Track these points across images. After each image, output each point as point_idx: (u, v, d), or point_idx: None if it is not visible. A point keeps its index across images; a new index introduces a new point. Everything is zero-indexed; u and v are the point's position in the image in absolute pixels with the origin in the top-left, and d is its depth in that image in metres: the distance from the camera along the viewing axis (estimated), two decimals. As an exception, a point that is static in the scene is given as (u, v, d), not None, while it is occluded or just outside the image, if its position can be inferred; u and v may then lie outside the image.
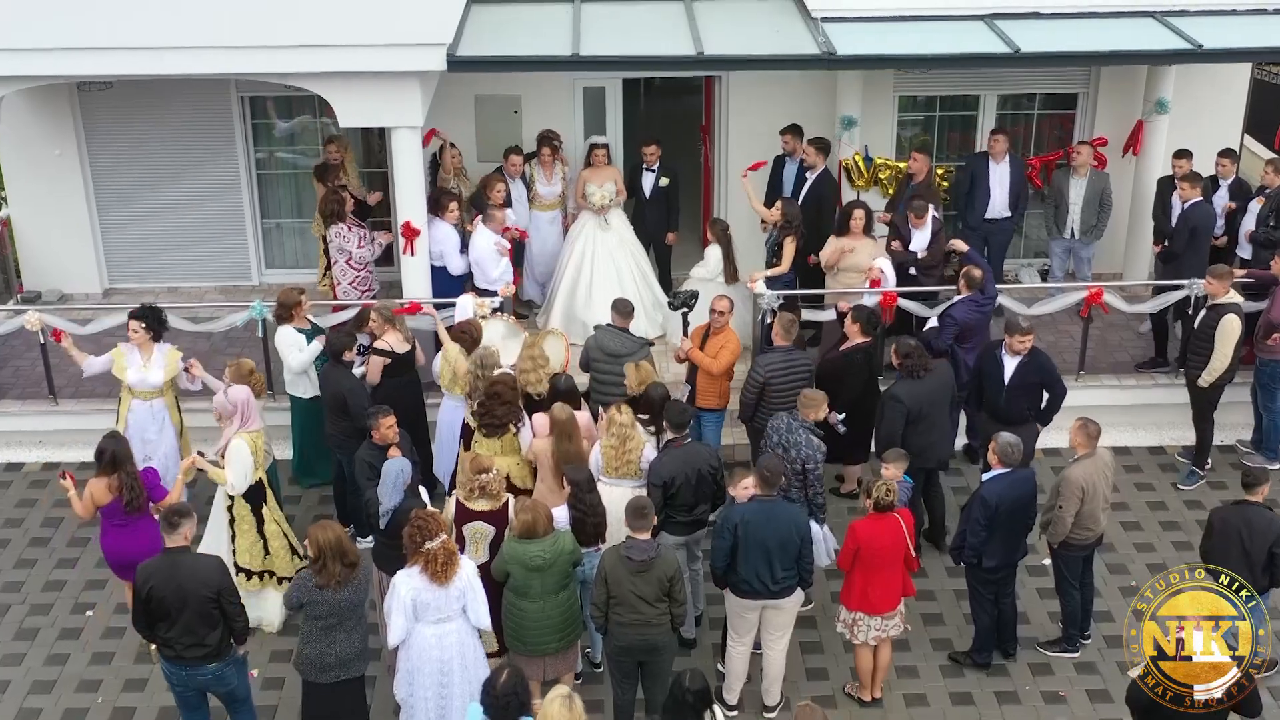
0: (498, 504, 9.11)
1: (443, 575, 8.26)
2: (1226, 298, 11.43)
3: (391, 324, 11.02)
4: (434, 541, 8.26)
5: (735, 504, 9.03)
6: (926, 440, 10.51)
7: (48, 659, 10.06)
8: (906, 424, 10.42)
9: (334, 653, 8.41)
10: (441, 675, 8.45)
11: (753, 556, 8.85)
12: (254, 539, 10.05)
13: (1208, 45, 12.09)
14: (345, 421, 10.43)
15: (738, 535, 8.82)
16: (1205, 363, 11.48)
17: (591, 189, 13.35)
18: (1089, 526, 9.58)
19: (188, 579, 8.22)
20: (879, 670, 9.53)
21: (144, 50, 11.25)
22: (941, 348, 11.41)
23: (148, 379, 10.78)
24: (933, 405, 10.53)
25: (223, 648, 8.43)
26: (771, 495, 8.94)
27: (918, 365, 10.49)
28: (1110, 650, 10.05)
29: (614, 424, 9.63)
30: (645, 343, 11.06)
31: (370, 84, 11.45)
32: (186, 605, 8.21)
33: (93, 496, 9.32)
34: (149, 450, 10.75)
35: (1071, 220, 13.51)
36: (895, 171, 13.70)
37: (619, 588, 8.47)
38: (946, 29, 12.61)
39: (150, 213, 14.40)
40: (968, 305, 11.51)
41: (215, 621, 8.32)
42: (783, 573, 8.92)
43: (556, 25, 12.61)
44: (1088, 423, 9.56)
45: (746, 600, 9.05)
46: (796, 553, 8.91)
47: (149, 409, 10.86)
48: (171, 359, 10.87)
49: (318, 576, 8.27)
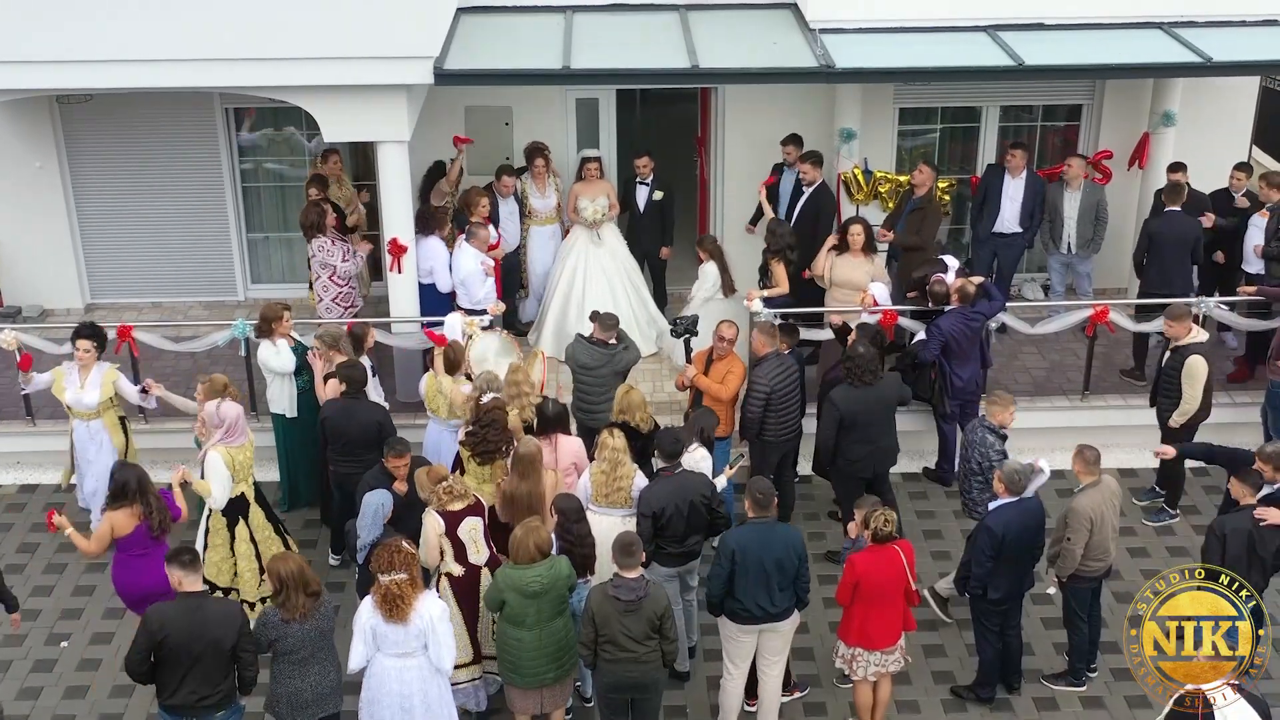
0: (470, 498, 9.02)
1: (387, 612, 8.06)
2: (1190, 338, 10.95)
3: (337, 348, 10.72)
4: (385, 577, 8.06)
5: (730, 529, 8.91)
6: (861, 450, 10.45)
7: (20, 692, 9.77)
8: (840, 429, 10.32)
9: (309, 687, 8.21)
10: (403, 712, 8.25)
11: (752, 581, 8.66)
12: (225, 554, 9.94)
13: (1217, 58, 11.83)
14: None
15: (735, 561, 8.61)
16: (1175, 405, 11.05)
17: (584, 204, 13.08)
18: (1098, 557, 9.31)
19: (209, 627, 7.86)
20: (879, 706, 9.25)
21: (125, 63, 11.02)
22: (928, 360, 11.18)
23: (83, 399, 10.63)
24: (871, 415, 10.41)
25: (230, 696, 8.13)
26: (766, 517, 8.73)
27: (862, 371, 10.31)
28: (1118, 684, 9.77)
29: (605, 448, 9.37)
30: (617, 350, 10.78)
31: (356, 97, 11.20)
32: (204, 656, 7.88)
33: (114, 529, 9.05)
34: (89, 471, 10.70)
35: (1067, 234, 13.28)
36: (895, 185, 13.43)
37: (607, 627, 8.23)
38: (948, 41, 12.36)
39: (133, 226, 14.16)
40: (955, 317, 11.29)
41: (228, 672, 8.01)
42: (780, 594, 8.74)
43: (548, 36, 12.35)
44: (1084, 449, 9.30)
45: (744, 625, 8.85)
46: (794, 573, 8.74)
47: (87, 429, 10.75)
48: (108, 379, 10.69)
49: (283, 610, 8.07)
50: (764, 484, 8.90)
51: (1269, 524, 8.88)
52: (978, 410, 11.77)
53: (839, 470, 10.73)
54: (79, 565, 11.03)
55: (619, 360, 10.76)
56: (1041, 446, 12.30)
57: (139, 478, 9.13)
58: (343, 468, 10.22)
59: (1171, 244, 12.39)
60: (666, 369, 13.03)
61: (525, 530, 8.50)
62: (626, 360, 10.85)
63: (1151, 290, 12.47)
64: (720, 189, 14.20)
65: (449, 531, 8.93)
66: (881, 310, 11.76)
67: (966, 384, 11.51)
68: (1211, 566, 8.48)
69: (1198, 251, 12.52)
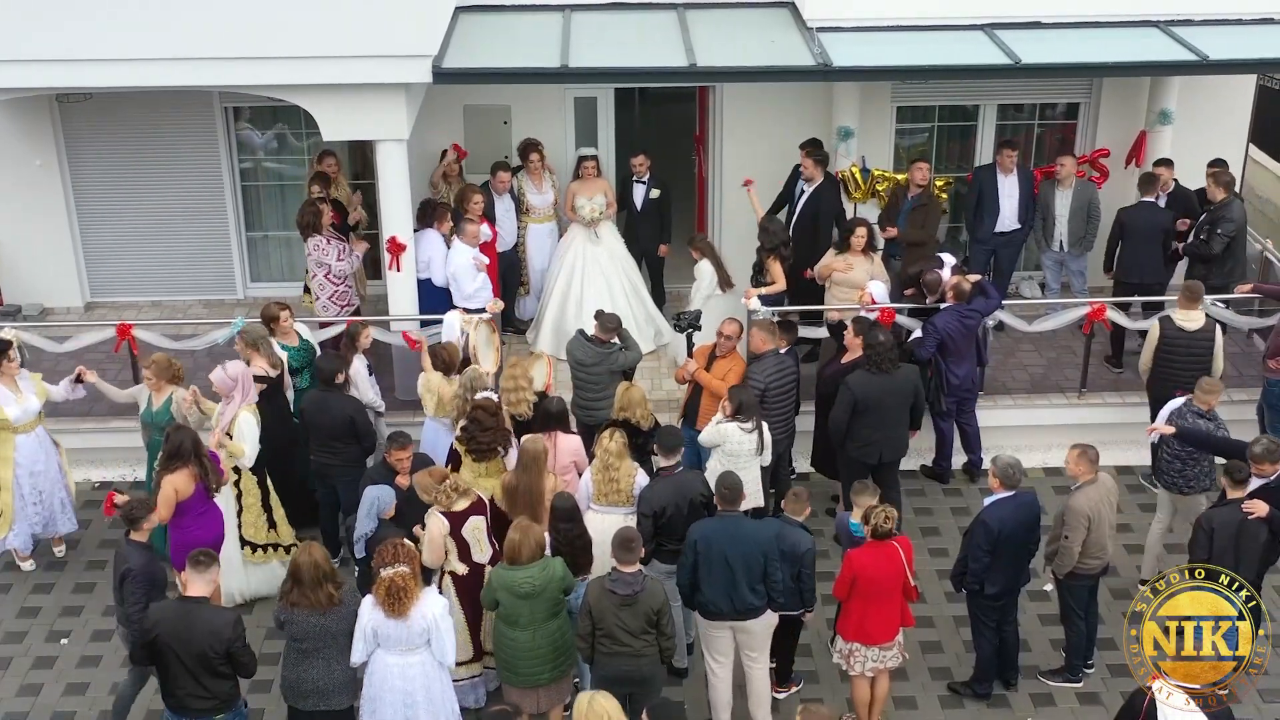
0: (473, 496, 9.05)
1: (389, 607, 8.09)
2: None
3: (257, 349, 10.66)
4: (387, 570, 8.10)
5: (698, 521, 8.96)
6: (873, 435, 10.54)
7: (20, 689, 9.79)
8: (854, 414, 10.42)
9: (309, 680, 8.26)
10: (406, 708, 8.28)
11: (715, 575, 8.70)
12: (259, 512, 10.27)
13: (1214, 56, 11.83)
14: (351, 446, 10.27)
15: (698, 552, 8.68)
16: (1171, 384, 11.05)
17: (581, 202, 13.10)
18: (1096, 555, 9.32)
19: (198, 633, 7.88)
20: (876, 702, 9.27)
21: (125, 62, 11.03)
22: (924, 358, 11.22)
23: (28, 408, 10.53)
24: (884, 403, 10.53)
25: (230, 698, 8.15)
26: (733, 511, 8.78)
27: (881, 358, 10.44)
28: (1115, 679, 9.79)
29: (603, 450, 9.39)
30: (615, 350, 10.79)
31: (354, 96, 11.20)
32: (188, 657, 7.91)
33: (177, 491, 9.27)
34: (37, 482, 10.64)
35: (1059, 232, 13.29)
36: (893, 183, 13.44)
37: (604, 620, 8.27)
38: (946, 39, 12.36)
39: (133, 225, 14.15)
40: (951, 315, 11.32)
41: (219, 674, 8.02)
42: (749, 593, 8.73)
43: (546, 35, 12.35)
44: (1086, 448, 9.30)
45: (714, 621, 8.91)
46: (762, 572, 8.73)
47: (34, 439, 10.62)
48: (37, 381, 10.72)
49: (289, 594, 8.17)
50: (731, 478, 8.93)
51: (1256, 516, 8.92)
52: (974, 407, 11.85)
53: (846, 455, 10.79)
54: (79, 562, 11.07)
55: (615, 360, 10.77)
56: (1038, 444, 12.40)
57: (193, 439, 9.39)
58: (320, 458, 10.47)
59: (1140, 232, 12.53)
60: (665, 367, 13.05)
61: (520, 531, 8.51)
62: (625, 361, 10.86)
63: (1123, 278, 12.74)
64: (719, 187, 14.21)
65: (453, 532, 8.95)
66: (879, 308, 11.78)
67: (963, 381, 11.54)
68: (1211, 566, 8.47)
69: (1168, 243, 12.61)
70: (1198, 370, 10.97)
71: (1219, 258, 12.37)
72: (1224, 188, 12.40)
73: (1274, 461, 9.16)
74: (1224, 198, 12.37)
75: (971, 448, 12.01)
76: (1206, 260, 12.39)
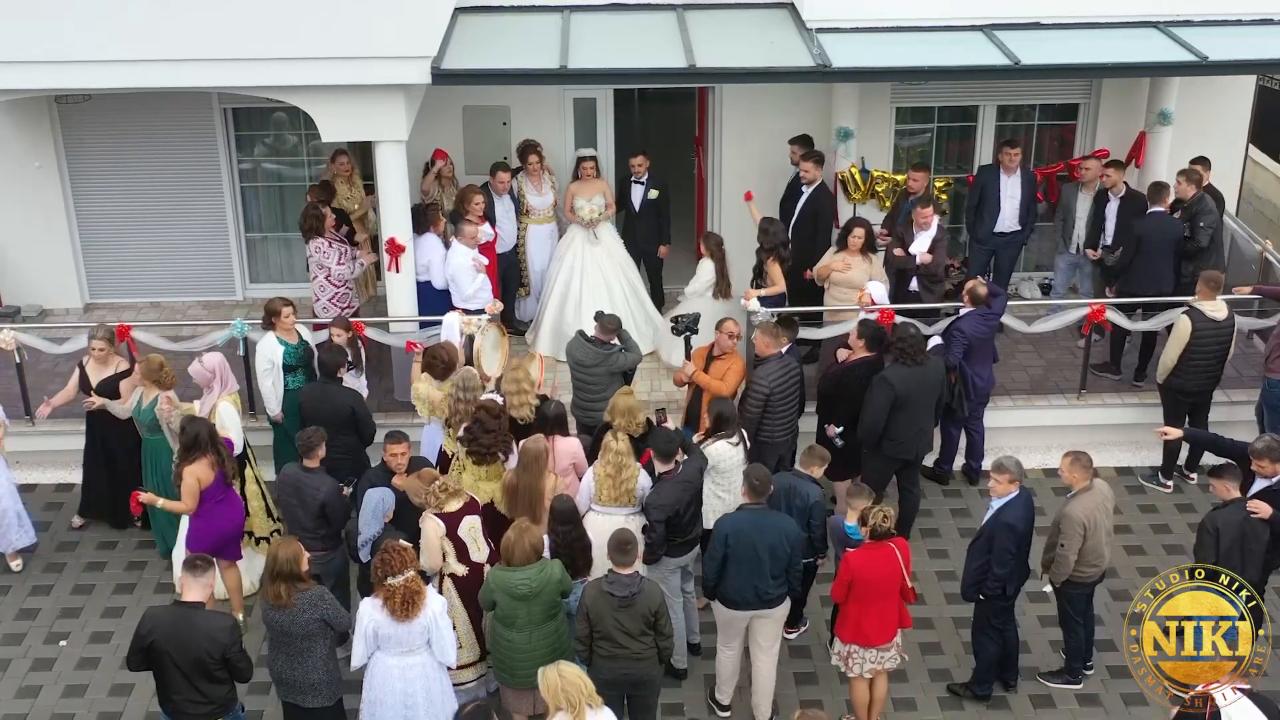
0: (465, 496, 9.07)
1: (402, 613, 8.13)
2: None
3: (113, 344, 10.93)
4: (397, 578, 8.10)
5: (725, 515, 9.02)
6: (909, 430, 10.52)
7: (19, 691, 9.78)
8: (892, 410, 10.40)
9: (276, 669, 8.45)
10: (406, 709, 8.29)
11: (744, 567, 8.75)
12: (260, 503, 10.48)
13: (1213, 57, 11.81)
14: (350, 438, 10.31)
15: (728, 546, 8.71)
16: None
17: (580, 203, 13.10)
18: (1093, 563, 9.29)
19: (194, 639, 7.87)
20: (875, 703, 9.26)
21: (125, 63, 11.02)
22: (952, 364, 11.17)
23: None
24: (919, 396, 10.51)
25: (227, 703, 8.15)
26: (760, 503, 8.79)
27: (914, 350, 10.43)
28: (1114, 681, 9.78)
29: (609, 451, 9.38)
30: (614, 351, 10.78)
31: (353, 97, 11.19)
32: (184, 663, 7.90)
33: (199, 480, 9.45)
34: None
35: (1077, 235, 13.22)
36: (892, 184, 13.43)
37: (602, 622, 8.27)
38: (945, 40, 12.35)
39: (132, 226, 14.15)
40: (976, 319, 11.28)
41: (215, 679, 8.01)
42: (773, 581, 8.82)
43: (545, 36, 12.34)
44: (1079, 455, 9.26)
45: (735, 611, 8.97)
46: (786, 561, 8.79)
47: None
48: None
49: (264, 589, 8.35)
50: (761, 470, 8.96)
51: (1260, 517, 8.91)
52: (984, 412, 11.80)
53: (880, 453, 10.75)
54: (78, 563, 11.06)
55: (614, 361, 10.76)
56: (1038, 444, 12.37)
57: (209, 428, 9.59)
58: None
59: (1156, 245, 12.32)
60: (663, 368, 13.04)
61: (518, 532, 8.50)
62: (624, 362, 10.84)
63: (1139, 292, 12.34)
64: (718, 188, 14.20)
65: (449, 533, 8.94)
66: (879, 308, 11.77)
67: (986, 384, 11.53)
68: (1211, 566, 8.47)
69: (1179, 252, 12.53)
70: (1223, 362, 11.25)
71: (1205, 250, 12.44)
72: (1194, 185, 12.45)
73: (1275, 460, 9.15)
74: (1195, 194, 12.43)
75: (975, 454, 11.98)
76: (1194, 255, 12.43)
